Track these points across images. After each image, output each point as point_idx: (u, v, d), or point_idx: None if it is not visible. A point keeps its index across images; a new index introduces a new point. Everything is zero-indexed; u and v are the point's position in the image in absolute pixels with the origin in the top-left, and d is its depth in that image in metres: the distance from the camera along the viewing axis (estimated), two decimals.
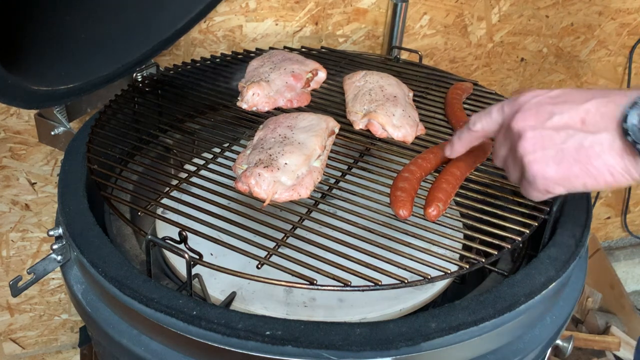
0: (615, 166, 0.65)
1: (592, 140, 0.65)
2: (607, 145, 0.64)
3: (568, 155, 0.66)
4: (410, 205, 0.80)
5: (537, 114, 0.69)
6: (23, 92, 0.90)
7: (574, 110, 0.66)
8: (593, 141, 0.65)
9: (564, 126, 0.67)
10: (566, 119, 0.67)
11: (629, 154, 0.64)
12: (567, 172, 0.67)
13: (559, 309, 0.86)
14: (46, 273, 0.87)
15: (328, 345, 0.68)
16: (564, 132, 0.67)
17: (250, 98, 1.06)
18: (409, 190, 0.83)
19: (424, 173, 0.88)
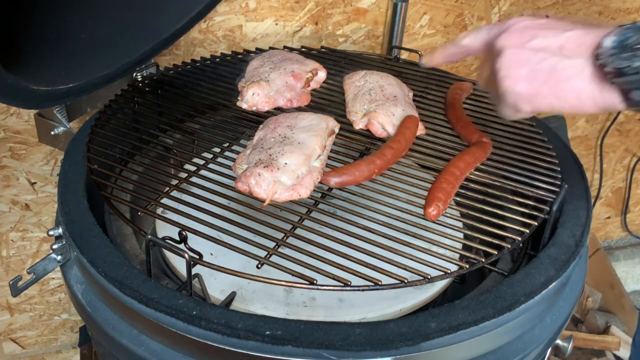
0: (582, 90, 0.68)
1: (565, 64, 0.68)
2: (578, 70, 0.68)
3: (540, 75, 0.70)
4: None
5: (520, 35, 0.72)
6: (23, 92, 0.90)
7: (555, 36, 0.70)
8: (566, 65, 0.68)
9: (542, 49, 0.70)
10: (546, 42, 0.70)
11: (598, 80, 0.66)
12: (536, 91, 0.71)
13: (558, 309, 0.86)
14: (46, 273, 0.87)
15: (328, 345, 0.68)
16: (542, 54, 0.70)
17: (250, 98, 1.06)
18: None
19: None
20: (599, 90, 0.67)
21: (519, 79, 0.72)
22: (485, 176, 0.93)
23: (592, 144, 2.03)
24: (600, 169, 2.06)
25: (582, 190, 0.97)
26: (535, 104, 0.72)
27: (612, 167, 2.11)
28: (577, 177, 1.00)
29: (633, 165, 2.11)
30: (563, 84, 0.69)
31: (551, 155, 0.99)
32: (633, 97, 0.65)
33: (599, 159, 2.04)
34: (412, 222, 0.83)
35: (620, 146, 2.06)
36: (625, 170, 2.13)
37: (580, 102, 0.69)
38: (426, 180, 0.90)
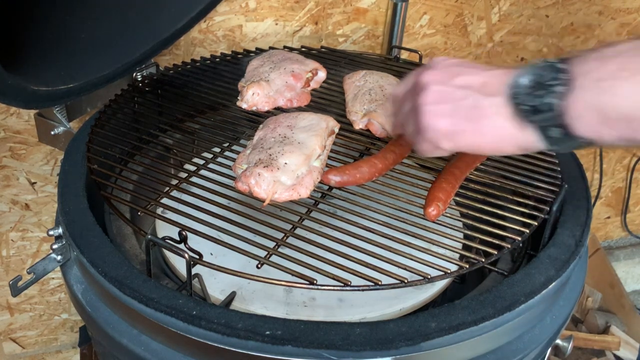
0: (502, 128, 0.67)
1: (487, 102, 0.68)
2: (498, 108, 0.67)
3: (462, 112, 0.69)
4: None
5: (445, 72, 0.72)
6: (23, 92, 0.90)
7: (478, 74, 0.70)
8: (487, 103, 0.68)
9: (465, 86, 0.70)
10: (469, 80, 0.70)
11: (516, 119, 0.66)
12: (457, 128, 0.70)
13: (558, 309, 0.86)
14: (46, 273, 0.87)
15: (328, 345, 0.68)
16: (465, 91, 0.70)
17: (250, 98, 1.06)
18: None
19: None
20: (519, 129, 0.66)
21: (441, 115, 0.71)
22: (485, 176, 0.93)
23: None
24: (600, 168, 2.06)
25: (582, 190, 0.97)
26: (456, 141, 0.71)
27: (612, 167, 2.11)
28: (577, 177, 1.00)
29: (633, 165, 2.11)
30: (484, 122, 0.68)
31: (551, 155, 0.99)
32: (551, 134, 0.64)
33: (599, 158, 2.04)
34: (412, 222, 0.83)
35: None
36: (625, 170, 2.13)
37: (501, 141, 0.68)
38: (426, 180, 0.90)
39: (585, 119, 0.61)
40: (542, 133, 0.65)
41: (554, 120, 0.63)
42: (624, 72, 0.58)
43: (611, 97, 0.59)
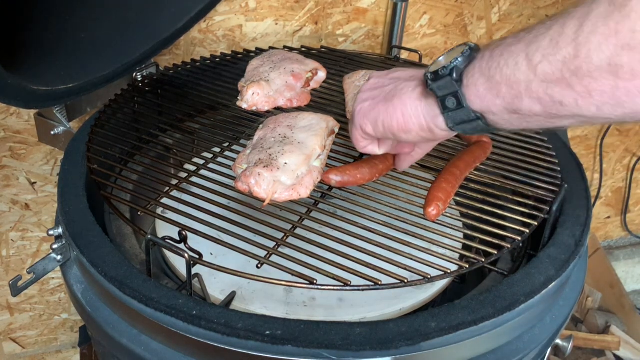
0: (407, 105, 0.71)
1: (404, 85, 0.73)
2: (411, 88, 0.72)
3: (383, 95, 0.75)
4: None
5: (390, 71, 0.80)
6: (23, 91, 0.90)
7: (412, 72, 0.76)
8: (404, 85, 0.73)
9: (397, 77, 0.77)
10: (402, 74, 0.77)
11: (425, 97, 0.70)
12: (375, 109, 0.75)
13: (558, 309, 0.86)
14: (46, 273, 0.87)
15: (328, 345, 0.68)
16: (393, 81, 0.76)
17: (250, 97, 1.06)
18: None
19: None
20: (422, 103, 0.70)
21: (368, 99, 0.77)
22: (485, 176, 0.93)
23: (592, 144, 2.03)
24: (600, 168, 2.06)
25: (582, 190, 0.97)
26: (373, 122, 0.75)
27: (612, 167, 2.11)
28: (577, 177, 1.00)
29: (633, 165, 2.11)
30: (394, 100, 0.72)
31: (551, 155, 0.99)
32: (448, 104, 0.66)
33: (599, 158, 2.04)
34: (412, 222, 0.83)
35: (620, 146, 2.06)
36: (625, 170, 2.13)
37: (405, 119, 0.71)
38: (426, 180, 0.90)
39: (476, 86, 0.63)
40: (440, 104, 0.67)
41: (450, 87, 0.65)
42: (514, 40, 0.61)
43: (497, 61, 0.61)
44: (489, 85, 0.62)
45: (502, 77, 0.61)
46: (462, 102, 0.65)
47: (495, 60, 0.62)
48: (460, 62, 0.65)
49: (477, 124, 0.66)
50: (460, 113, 0.66)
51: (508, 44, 0.61)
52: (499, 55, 0.61)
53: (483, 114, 0.65)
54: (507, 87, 0.60)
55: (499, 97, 0.62)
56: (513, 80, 0.60)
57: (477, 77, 0.63)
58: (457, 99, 0.65)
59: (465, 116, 0.66)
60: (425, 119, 0.70)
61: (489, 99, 0.63)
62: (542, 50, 0.56)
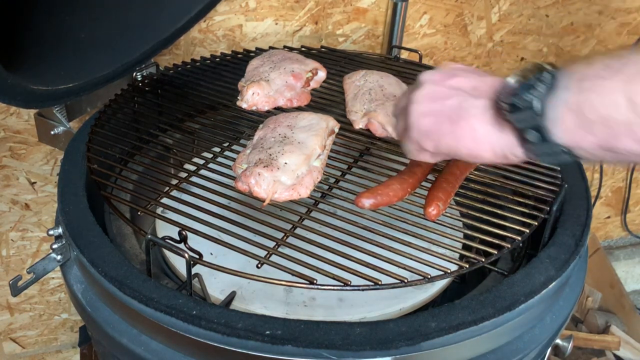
0: (478, 130, 0.65)
1: (470, 103, 0.66)
2: (480, 111, 0.65)
3: (446, 112, 0.67)
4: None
5: (443, 73, 0.71)
6: (23, 91, 0.90)
7: (473, 78, 0.68)
8: (471, 104, 0.66)
9: (457, 87, 0.68)
10: (462, 82, 0.68)
11: (496, 121, 0.63)
12: (438, 128, 0.68)
13: (558, 309, 0.86)
14: (46, 272, 0.87)
15: (328, 345, 0.68)
16: (455, 92, 0.68)
17: (250, 97, 1.06)
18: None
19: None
20: (497, 132, 0.64)
21: (426, 113, 0.69)
22: (485, 176, 0.93)
23: None
24: (600, 168, 2.06)
25: (582, 189, 0.97)
26: (436, 141, 0.69)
27: (612, 167, 2.11)
28: (577, 177, 1.00)
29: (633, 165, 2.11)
30: (462, 123, 0.66)
31: None
32: (528, 137, 0.61)
33: None
34: (412, 222, 0.83)
35: None
36: (625, 170, 2.13)
37: (475, 143, 0.66)
38: (426, 180, 0.90)
39: (563, 120, 0.58)
40: (519, 136, 0.62)
41: (531, 120, 0.60)
42: (606, 72, 0.56)
43: (590, 96, 0.56)
44: (580, 121, 0.57)
45: (597, 116, 0.56)
46: (547, 137, 0.59)
47: (586, 95, 0.56)
48: (543, 92, 0.59)
49: (564, 157, 0.61)
50: (544, 147, 0.60)
51: (599, 76, 0.56)
52: (589, 90, 0.56)
53: (571, 149, 0.60)
54: (602, 126, 0.56)
55: (592, 135, 0.57)
56: (611, 121, 0.55)
57: (563, 112, 0.58)
58: (541, 133, 0.60)
59: (549, 150, 0.61)
60: (501, 148, 0.64)
61: (579, 136, 0.58)
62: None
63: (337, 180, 0.92)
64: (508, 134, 0.63)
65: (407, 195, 0.84)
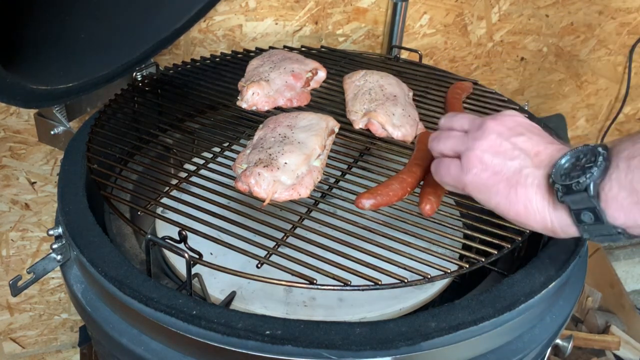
0: (531, 201, 0.66)
1: (530, 171, 0.67)
2: (538, 181, 0.66)
3: (506, 173, 0.68)
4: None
5: (511, 128, 0.70)
6: (22, 90, 0.90)
7: (537, 141, 0.69)
8: (530, 172, 0.67)
9: (521, 149, 0.68)
10: (527, 144, 0.69)
11: (550, 197, 0.65)
12: (494, 185, 0.68)
13: (558, 309, 0.86)
14: (46, 272, 0.87)
15: (328, 345, 0.68)
16: (518, 153, 0.68)
17: (250, 97, 1.06)
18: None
19: None
20: (550, 208, 0.65)
21: (488, 167, 0.69)
22: None
23: None
24: None
25: None
26: (487, 197, 0.69)
27: None
28: None
29: None
30: (517, 189, 0.67)
31: None
32: (584, 219, 0.62)
33: None
34: (412, 222, 0.83)
35: None
36: None
37: (527, 213, 0.67)
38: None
39: (617, 200, 0.59)
40: (574, 217, 0.63)
41: (586, 202, 0.61)
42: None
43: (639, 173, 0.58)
44: (634, 199, 0.58)
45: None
46: (602, 218, 0.61)
47: (636, 172, 0.58)
48: (597, 176, 0.60)
49: (618, 237, 0.62)
50: (599, 228, 0.62)
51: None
52: (638, 167, 0.58)
53: (626, 229, 0.61)
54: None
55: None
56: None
57: (616, 191, 0.59)
58: (595, 214, 0.61)
59: (605, 231, 0.62)
60: (552, 224, 0.66)
61: (634, 213, 0.59)
62: None
63: (337, 180, 0.92)
64: (562, 213, 0.64)
65: (407, 195, 0.84)
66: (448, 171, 0.73)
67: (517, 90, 1.83)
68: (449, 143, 0.75)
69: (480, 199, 0.71)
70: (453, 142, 0.74)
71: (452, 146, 0.74)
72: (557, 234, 0.67)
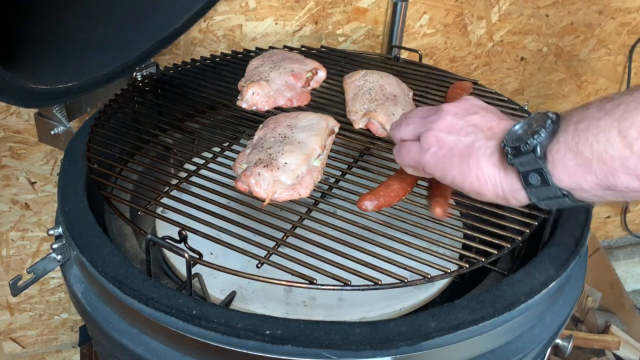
0: (484, 170, 0.68)
1: (482, 143, 0.69)
2: (490, 151, 0.68)
3: (459, 148, 0.70)
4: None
5: (467, 107, 0.74)
6: (21, 90, 0.90)
7: (490, 119, 0.71)
8: (482, 144, 0.69)
9: (475, 125, 0.71)
10: (480, 121, 0.71)
11: (501, 163, 0.67)
12: (448, 162, 0.71)
13: (558, 308, 0.86)
14: (46, 272, 0.87)
15: (328, 345, 0.68)
16: (472, 129, 0.71)
17: (250, 97, 1.06)
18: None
19: None
20: (502, 174, 0.67)
21: (443, 145, 0.71)
22: None
23: None
24: None
25: None
26: (442, 172, 0.72)
27: None
28: None
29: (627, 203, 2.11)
30: (471, 161, 0.69)
31: None
32: (531, 181, 0.64)
33: None
34: (412, 222, 0.83)
35: None
36: None
37: (479, 182, 0.68)
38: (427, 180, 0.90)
39: (563, 161, 0.61)
40: (522, 179, 0.65)
41: (533, 164, 0.63)
42: (599, 113, 0.59)
43: (586, 135, 0.59)
44: (578, 161, 0.60)
45: (593, 154, 0.59)
46: (548, 180, 0.63)
47: (582, 135, 0.60)
48: (544, 137, 0.62)
49: (564, 201, 0.64)
50: (545, 190, 0.64)
51: (594, 117, 0.59)
52: (586, 130, 0.60)
53: (571, 191, 0.62)
54: (599, 163, 0.59)
55: (591, 174, 0.60)
56: (606, 157, 0.58)
57: (563, 153, 0.61)
58: (542, 176, 0.63)
59: (550, 193, 0.63)
60: (503, 190, 0.67)
61: (578, 176, 0.61)
62: (636, 127, 0.56)
63: (337, 180, 0.92)
64: (512, 178, 0.66)
65: (407, 194, 0.84)
66: (409, 153, 0.76)
67: (517, 90, 1.83)
68: (409, 128, 0.77)
69: (438, 176, 0.73)
70: (412, 127, 0.77)
71: (412, 130, 0.77)
72: (508, 201, 0.68)
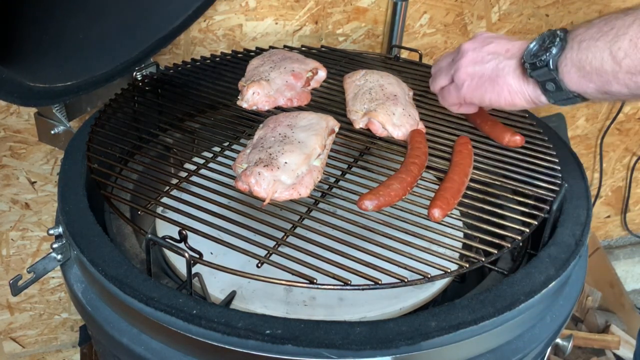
0: (512, 85, 0.85)
1: (505, 63, 0.86)
2: (512, 69, 0.85)
3: (487, 73, 0.87)
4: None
5: (481, 41, 0.90)
6: (19, 87, 0.90)
7: (504, 43, 0.88)
8: (505, 64, 0.86)
9: (494, 52, 0.88)
10: (497, 47, 0.88)
11: (524, 76, 0.83)
12: (482, 87, 0.88)
13: (558, 308, 0.86)
14: (46, 272, 0.87)
15: (328, 344, 0.68)
16: (492, 56, 0.88)
17: (250, 97, 1.06)
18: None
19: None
20: (525, 85, 0.84)
21: (472, 75, 0.89)
22: (486, 175, 0.93)
23: (592, 143, 2.03)
24: (600, 168, 2.06)
25: (582, 189, 0.97)
26: (481, 97, 0.88)
27: (612, 166, 2.11)
28: (577, 176, 1.01)
29: (633, 164, 2.11)
30: (499, 80, 0.86)
31: (551, 155, 0.99)
32: (548, 87, 0.81)
33: (599, 158, 2.04)
34: (412, 222, 0.83)
35: (620, 145, 2.06)
36: (625, 169, 2.13)
37: (511, 96, 0.85)
38: (426, 179, 0.90)
39: (570, 74, 0.78)
40: (541, 87, 0.82)
41: (548, 75, 0.79)
42: (597, 34, 0.75)
43: (585, 54, 0.75)
44: (581, 73, 0.77)
45: (592, 68, 0.75)
46: (561, 86, 0.79)
47: (584, 53, 0.76)
48: (554, 53, 0.78)
49: (576, 100, 0.81)
50: (560, 94, 0.81)
51: (593, 38, 0.75)
52: (586, 49, 0.75)
53: (580, 93, 0.79)
54: (597, 75, 0.75)
55: (592, 83, 0.76)
56: (602, 71, 0.74)
57: (569, 67, 0.77)
58: (556, 84, 0.80)
59: (564, 96, 0.81)
60: (530, 97, 0.84)
61: (582, 84, 0.77)
62: (624, 49, 0.71)
63: (337, 180, 0.92)
64: (534, 86, 0.83)
65: (407, 194, 0.84)
66: (450, 94, 0.94)
67: None
68: (442, 76, 0.96)
69: (478, 102, 0.90)
70: (444, 74, 0.95)
71: (445, 76, 0.95)
72: (536, 104, 0.85)
